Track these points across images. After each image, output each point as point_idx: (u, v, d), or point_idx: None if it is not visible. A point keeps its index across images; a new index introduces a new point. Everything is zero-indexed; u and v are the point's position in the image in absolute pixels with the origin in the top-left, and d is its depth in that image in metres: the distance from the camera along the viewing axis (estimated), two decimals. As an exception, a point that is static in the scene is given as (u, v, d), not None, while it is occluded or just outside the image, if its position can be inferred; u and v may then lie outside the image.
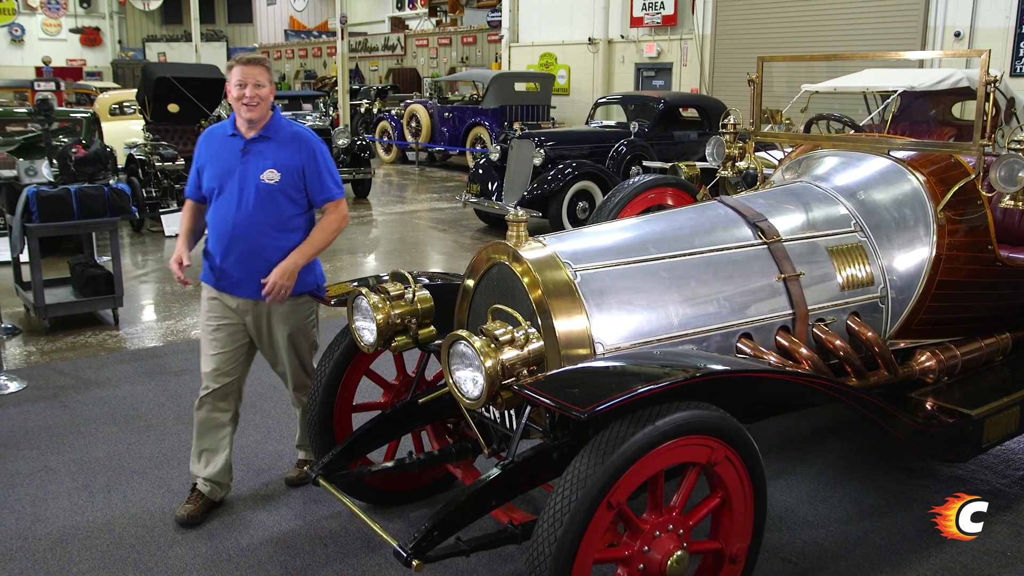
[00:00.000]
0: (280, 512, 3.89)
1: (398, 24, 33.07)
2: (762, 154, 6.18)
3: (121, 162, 11.64)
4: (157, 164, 10.74)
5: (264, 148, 3.74)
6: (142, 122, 12.36)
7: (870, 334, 3.64)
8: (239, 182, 3.71)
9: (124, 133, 13.05)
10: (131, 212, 7.61)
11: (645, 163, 11.13)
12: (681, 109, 12.85)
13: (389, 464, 3.59)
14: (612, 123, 12.76)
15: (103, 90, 19.50)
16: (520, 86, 17.33)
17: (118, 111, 14.92)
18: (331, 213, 3.83)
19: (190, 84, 11.78)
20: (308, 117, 14.50)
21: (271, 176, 3.70)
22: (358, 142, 13.76)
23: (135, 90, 13.73)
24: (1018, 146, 3.79)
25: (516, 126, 11.76)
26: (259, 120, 3.72)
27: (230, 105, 3.78)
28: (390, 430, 3.55)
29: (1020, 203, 3.78)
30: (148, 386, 5.51)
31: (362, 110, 21.39)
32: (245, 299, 3.79)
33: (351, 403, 3.77)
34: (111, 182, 7.11)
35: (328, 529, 3.77)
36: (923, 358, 3.90)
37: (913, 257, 3.81)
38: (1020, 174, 3.70)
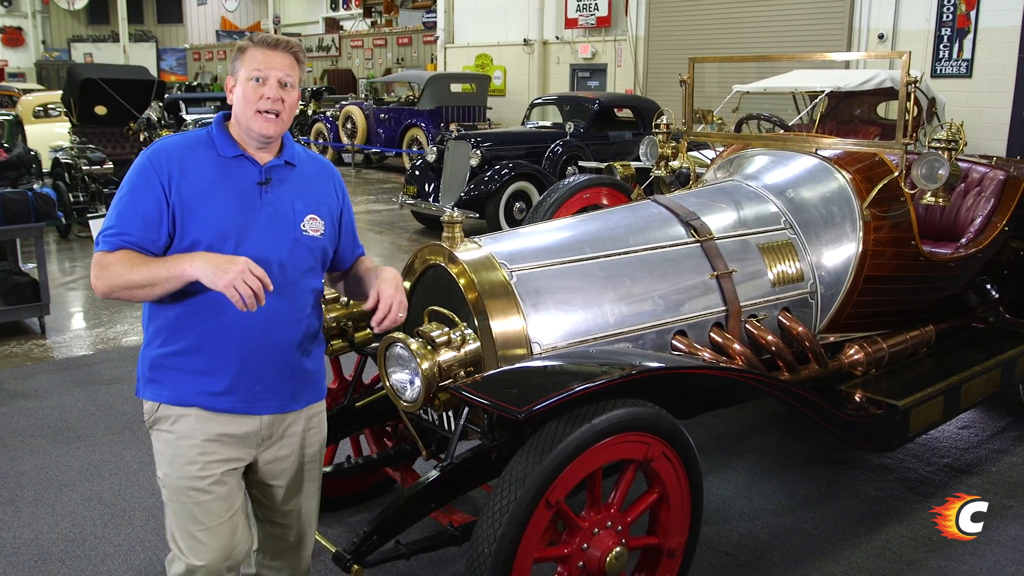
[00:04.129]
0: (216, 521, 3.82)
1: (332, 25, 32.73)
2: (695, 153, 6.27)
3: (47, 166, 11.32)
4: (84, 168, 10.45)
5: (290, 180, 2.44)
6: (68, 125, 12.06)
7: (800, 329, 3.72)
8: (265, 234, 2.36)
9: (49, 136, 12.65)
10: (57, 217, 7.41)
11: (581, 163, 11.22)
12: (616, 110, 12.98)
13: (327, 469, 3.54)
14: (548, 124, 12.82)
15: (26, 92, 18.89)
16: (456, 87, 17.29)
17: (42, 113, 14.46)
18: (368, 261, 2.76)
19: (118, 86, 11.51)
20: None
21: (316, 227, 2.45)
22: (293, 144, 13.59)
23: (60, 92, 13.36)
24: (938, 144, 3.92)
25: (452, 127, 11.74)
26: (277, 137, 2.43)
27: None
28: (328, 434, 3.51)
29: (940, 200, 3.90)
30: (77, 396, 5.36)
31: (297, 111, 21.13)
32: (272, 416, 2.49)
33: (287, 408, 3.71)
34: (36, 186, 6.91)
35: (266, 537, 3.71)
36: (852, 351, 4.00)
37: (841, 253, 3.91)
38: (940, 172, 3.82)
